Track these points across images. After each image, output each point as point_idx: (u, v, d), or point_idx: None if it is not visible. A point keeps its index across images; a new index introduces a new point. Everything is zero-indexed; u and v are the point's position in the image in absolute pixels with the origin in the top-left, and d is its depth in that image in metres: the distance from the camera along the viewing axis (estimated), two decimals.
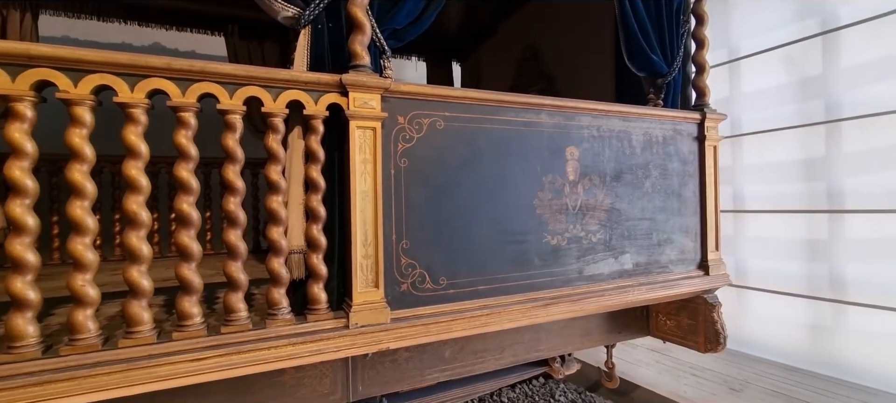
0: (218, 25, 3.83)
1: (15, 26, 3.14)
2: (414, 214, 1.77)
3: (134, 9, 3.60)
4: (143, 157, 1.40)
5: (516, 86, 3.69)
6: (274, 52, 3.91)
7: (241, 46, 3.80)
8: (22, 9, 3.16)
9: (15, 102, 1.27)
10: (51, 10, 3.29)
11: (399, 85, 1.73)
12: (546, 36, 3.48)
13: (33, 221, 1.29)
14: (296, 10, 1.68)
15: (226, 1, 3.69)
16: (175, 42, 4.24)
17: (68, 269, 1.37)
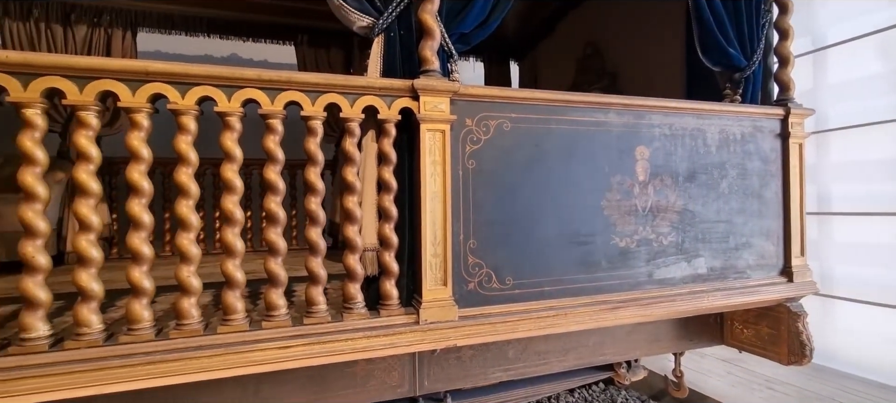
0: (288, 35, 4.07)
1: (118, 43, 3.52)
2: (481, 215, 1.80)
3: (214, 23, 3.91)
4: (237, 160, 1.54)
5: (577, 85, 3.62)
6: (339, 58, 4.10)
7: (309, 54, 4.02)
8: (123, 28, 3.55)
9: (135, 113, 1.43)
10: (147, 27, 3.66)
11: (467, 88, 1.77)
12: (608, 32, 3.39)
13: (148, 218, 1.45)
14: (370, 20, 1.77)
15: (295, 12, 3.93)
16: (250, 52, 4.55)
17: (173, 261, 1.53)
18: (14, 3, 3.28)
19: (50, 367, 1.33)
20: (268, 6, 3.85)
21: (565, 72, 3.83)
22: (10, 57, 1.32)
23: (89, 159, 1.40)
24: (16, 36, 3.30)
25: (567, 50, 3.84)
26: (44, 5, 3.34)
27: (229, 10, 3.80)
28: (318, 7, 3.88)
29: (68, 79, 1.37)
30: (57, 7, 3.37)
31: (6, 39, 3.30)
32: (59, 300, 2.01)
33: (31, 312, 1.36)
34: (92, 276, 1.40)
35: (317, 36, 4.06)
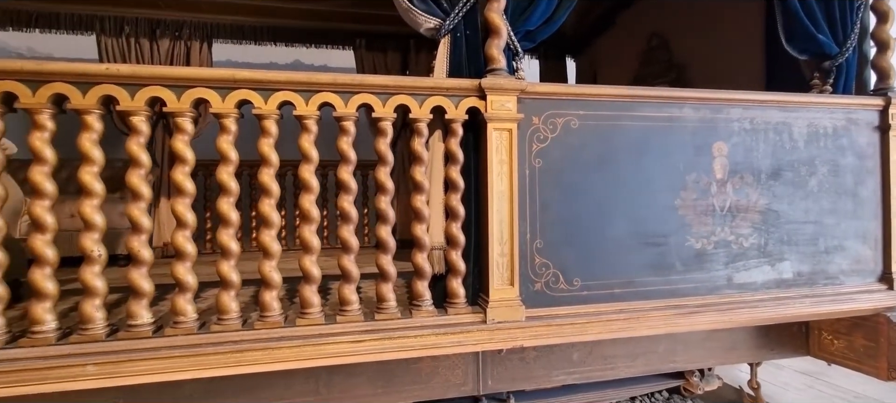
0: (347, 41, 4.21)
1: (196, 54, 3.80)
2: (548, 214, 1.77)
3: (279, 32, 4.12)
4: (313, 161, 1.61)
5: (640, 79, 3.47)
6: (395, 60, 4.19)
7: (367, 57, 4.13)
8: (201, 40, 3.82)
9: (224, 118, 1.54)
10: (221, 38, 3.92)
11: (535, 86, 1.74)
12: (677, 23, 3.22)
13: (236, 216, 1.56)
14: (437, 21, 1.79)
15: (354, 18, 4.05)
16: (311, 58, 4.76)
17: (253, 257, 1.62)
18: (109, 21, 3.63)
19: (153, 352, 1.46)
20: (328, 13, 4.00)
21: (627, 67, 3.68)
22: (121, 69, 1.46)
23: (185, 161, 1.52)
24: (110, 50, 3.65)
25: (629, 43, 3.69)
26: (133, 22, 3.67)
27: (293, 19, 3.99)
28: (375, 12, 4.00)
29: (168, 88, 1.49)
30: (144, 23, 3.69)
31: (102, 53, 3.66)
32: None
33: (136, 301, 1.50)
34: (187, 269, 1.52)
35: (374, 40, 4.17)
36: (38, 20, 3.60)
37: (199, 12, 3.75)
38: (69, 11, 3.60)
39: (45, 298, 1.43)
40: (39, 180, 1.42)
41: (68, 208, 3.03)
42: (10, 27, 3.58)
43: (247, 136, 1.68)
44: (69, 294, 1.83)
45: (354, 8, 3.92)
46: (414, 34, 4.17)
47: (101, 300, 1.48)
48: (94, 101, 1.44)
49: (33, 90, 1.40)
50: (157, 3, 3.60)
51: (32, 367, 1.38)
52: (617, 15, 3.83)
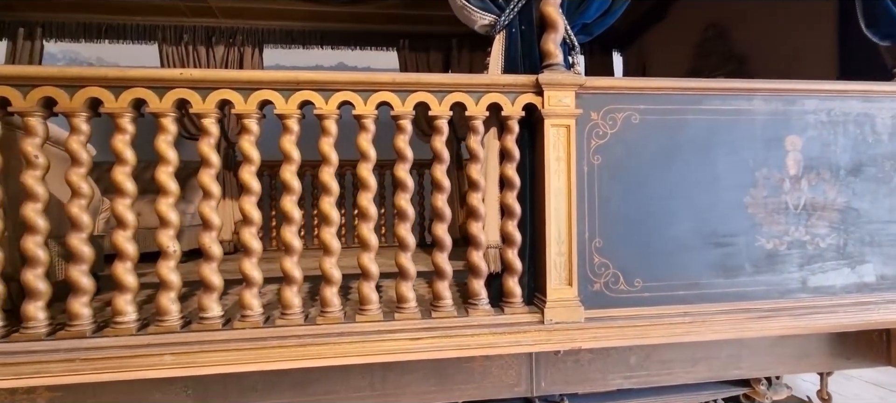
0: (390, 42, 4.26)
1: (248, 59, 3.96)
2: (607, 213, 1.72)
3: (326, 36, 4.23)
4: (371, 160, 1.63)
5: (695, 72, 3.32)
6: (438, 59, 4.21)
7: (410, 58, 4.17)
8: (252, 45, 3.98)
9: (288, 119, 1.59)
10: (271, 43, 4.07)
11: (594, 80, 1.70)
12: (735, 12, 3.05)
13: (298, 214, 1.60)
14: (492, 18, 1.77)
15: (397, 19, 4.10)
16: (354, 60, 4.85)
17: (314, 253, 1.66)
18: (170, 30, 3.84)
19: (223, 344, 1.53)
20: (373, 16, 4.07)
21: (680, 59, 3.53)
22: (194, 74, 1.53)
23: (252, 161, 1.57)
24: (171, 57, 3.86)
25: (681, 35, 3.54)
26: (191, 30, 3.87)
27: (339, 23, 4.08)
28: (418, 12, 4.03)
29: (236, 91, 1.55)
30: (201, 31, 3.88)
31: (163, 60, 3.88)
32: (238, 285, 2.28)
33: (207, 295, 1.57)
34: (254, 265, 1.58)
35: (416, 40, 4.21)
36: (108, 32, 3.86)
37: (251, 19, 3.91)
38: (134, 22, 3.83)
39: (127, 291, 1.52)
40: (121, 180, 1.51)
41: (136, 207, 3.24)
42: (83, 39, 3.85)
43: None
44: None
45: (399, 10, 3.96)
46: (456, 33, 4.22)
47: (176, 293, 1.56)
48: (170, 105, 1.52)
49: (116, 95, 1.49)
50: (213, 13, 3.77)
51: (116, 355, 1.47)
52: (669, 7, 3.68)
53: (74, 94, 1.47)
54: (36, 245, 1.48)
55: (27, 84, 1.45)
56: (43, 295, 1.49)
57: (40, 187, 1.48)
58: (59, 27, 3.77)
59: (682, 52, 3.51)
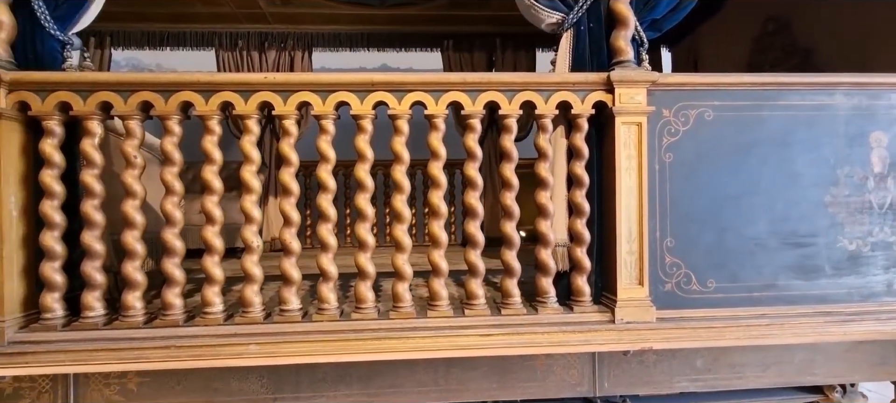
0: (434, 43, 4.30)
1: (298, 62, 4.09)
2: (679, 211, 1.69)
3: (371, 38, 4.31)
4: (442, 158, 1.66)
5: (754, 67, 3.20)
6: (482, 59, 4.22)
7: (454, 58, 4.20)
8: (302, 49, 4.11)
9: (362, 119, 1.64)
10: (320, 47, 4.19)
11: (667, 76, 1.68)
12: (799, 4, 2.93)
13: (371, 211, 1.65)
14: (560, 16, 1.77)
15: (441, 20, 4.13)
16: (397, 61, 4.93)
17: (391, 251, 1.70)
18: (226, 37, 4.01)
19: (303, 336, 1.59)
20: (416, 17, 4.11)
21: (735, 54, 3.41)
22: (277, 78, 1.60)
23: (328, 160, 1.63)
24: (226, 62, 4.03)
25: (737, 29, 3.42)
26: (246, 36, 4.03)
27: (385, 25, 4.15)
28: (461, 13, 4.05)
29: (314, 93, 1.61)
30: (255, 37, 4.04)
31: (220, 65, 4.05)
32: (274, 280, 2.37)
33: (288, 288, 1.64)
34: (330, 260, 1.64)
35: (460, 40, 4.23)
36: (169, 39, 4.06)
37: (302, 24, 4.03)
38: (193, 30, 4.02)
39: (215, 283, 1.61)
40: (210, 178, 1.60)
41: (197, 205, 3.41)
42: (147, 47, 4.07)
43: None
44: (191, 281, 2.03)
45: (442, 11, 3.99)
46: (500, 33, 4.22)
47: (259, 286, 1.64)
48: (254, 108, 1.60)
49: (206, 99, 1.58)
50: (266, 19, 3.91)
51: (207, 344, 1.56)
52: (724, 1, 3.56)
53: (169, 99, 1.57)
54: (134, 239, 1.58)
55: (127, 89, 1.56)
56: (140, 286, 1.60)
57: (138, 185, 1.59)
58: (126, 36, 3.99)
59: (738, 46, 3.39)
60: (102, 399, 1.75)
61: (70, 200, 1.59)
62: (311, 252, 3.46)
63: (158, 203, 1.66)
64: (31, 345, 1.50)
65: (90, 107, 1.54)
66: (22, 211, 1.58)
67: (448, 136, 1.72)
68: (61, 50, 1.64)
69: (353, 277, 1.72)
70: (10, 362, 1.49)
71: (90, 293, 1.57)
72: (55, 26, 1.59)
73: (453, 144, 2.17)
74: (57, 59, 1.63)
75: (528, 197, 1.75)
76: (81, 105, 1.53)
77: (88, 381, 1.73)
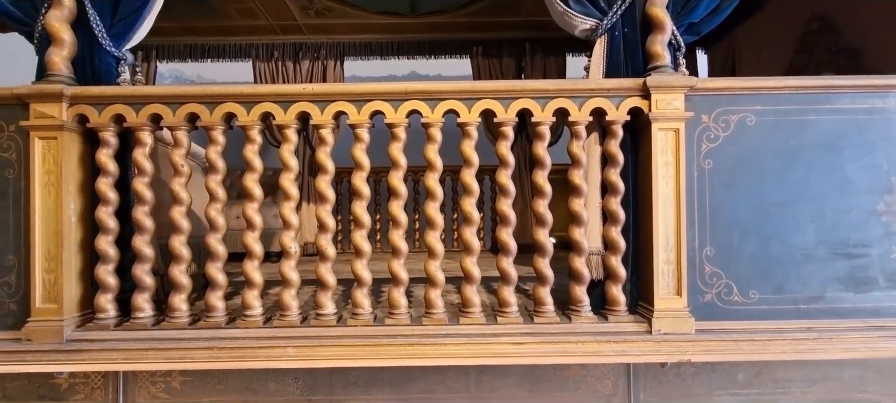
0: (463, 49, 4.34)
1: (331, 71, 4.20)
2: (719, 219, 1.64)
3: (401, 47, 4.38)
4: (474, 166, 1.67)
5: (798, 68, 3.07)
6: (510, 65, 4.23)
7: (483, 64, 4.22)
8: (335, 58, 4.22)
9: (396, 128, 1.67)
10: (351, 56, 4.29)
11: (705, 81, 1.64)
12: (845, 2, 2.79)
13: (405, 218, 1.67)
14: (594, 22, 1.76)
15: (470, 27, 4.16)
16: (426, 68, 4.99)
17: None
18: (263, 48, 4.17)
19: (337, 340, 1.63)
20: (445, 25, 4.16)
21: (776, 55, 3.28)
22: (315, 88, 1.66)
23: (362, 168, 1.67)
24: (263, 73, 4.19)
25: (778, 29, 3.29)
26: (281, 47, 4.17)
27: (415, 33, 4.22)
28: (490, 20, 4.07)
29: (350, 102, 1.66)
30: (290, 48, 4.17)
31: (256, 76, 4.21)
32: (309, 285, 2.43)
33: (324, 293, 1.68)
34: (364, 266, 1.67)
35: (489, 46, 4.25)
36: (209, 51, 4.25)
37: (334, 34, 4.14)
38: (232, 42, 4.20)
39: (254, 286, 1.67)
40: (251, 186, 1.66)
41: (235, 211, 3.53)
42: (189, 59, 4.27)
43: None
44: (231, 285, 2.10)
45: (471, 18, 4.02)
46: (528, 38, 4.20)
47: (296, 290, 1.68)
48: (292, 118, 1.66)
49: (248, 110, 1.65)
50: (301, 30, 4.04)
51: (248, 346, 1.61)
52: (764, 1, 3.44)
53: (214, 110, 1.65)
54: (181, 243, 1.66)
55: (176, 102, 1.65)
56: (185, 289, 1.67)
57: (185, 192, 1.67)
58: (170, 49, 4.21)
59: (780, 47, 3.26)
60: (149, 395, 1.84)
61: (122, 206, 1.69)
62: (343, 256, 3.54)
63: (200, 208, 1.75)
64: (87, 344, 1.59)
65: (142, 118, 1.63)
66: (80, 217, 1.68)
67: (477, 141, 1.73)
68: (116, 65, 1.74)
69: (386, 282, 1.75)
70: (68, 359, 1.58)
71: (140, 295, 1.66)
72: (111, 43, 1.70)
73: (480, 149, 2.18)
74: (112, 73, 1.73)
75: (559, 202, 1.74)
76: (134, 117, 1.63)
77: (137, 379, 1.82)
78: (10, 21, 1.72)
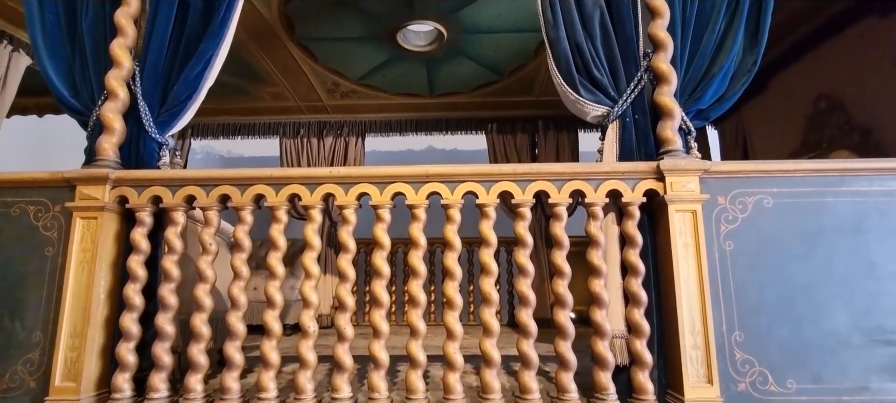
0: (477, 126, 4.52)
1: (352, 148, 4.40)
2: (746, 303, 1.60)
3: (419, 124, 4.60)
4: (493, 246, 1.69)
5: (810, 145, 3.11)
6: (524, 141, 4.37)
7: (498, 140, 4.38)
8: (356, 135, 4.43)
9: (416, 208, 1.72)
10: (372, 133, 4.51)
11: (718, 164, 1.67)
12: (852, 80, 2.88)
13: (424, 298, 1.67)
14: (606, 109, 1.84)
15: (485, 106, 4.37)
16: (442, 143, 5.19)
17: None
18: (290, 126, 4.42)
19: None
20: (462, 104, 4.39)
21: (787, 132, 3.34)
22: (340, 172, 1.74)
23: (383, 247, 1.70)
24: (288, 150, 4.41)
25: (787, 107, 3.38)
26: (307, 125, 4.42)
27: (433, 112, 4.45)
28: (505, 99, 4.28)
29: (373, 184, 1.73)
30: (314, 126, 4.42)
31: (282, 152, 4.43)
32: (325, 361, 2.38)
33: (339, 374, 1.65)
34: (382, 347, 1.65)
35: (504, 123, 4.43)
36: (240, 130, 4.52)
37: (357, 113, 4.39)
38: (262, 121, 4.47)
39: (270, 367, 1.65)
40: (274, 264, 1.70)
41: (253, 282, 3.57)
42: (221, 137, 4.54)
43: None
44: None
45: (487, 98, 4.24)
46: (542, 116, 4.37)
47: (312, 372, 1.66)
48: (318, 199, 1.73)
49: (277, 191, 1.73)
50: (326, 110, 4.30)
51: None
52: (768, 79, 3.56)
53: (245, 192, 1.73)
54: (202, 321, 1.68)
55: (210, 184, 1.74)
56: (202, 368, 1.67)
57: (211, 271, 1.71)
58: (204, 127, 4.49)
59: (790, 123, 3.33)
60: None
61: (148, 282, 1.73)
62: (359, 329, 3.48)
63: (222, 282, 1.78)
64: None
65: (178, 199, 1.72)
66: (108, 293, 1.73)
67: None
68: (158, 149, 1.87)
69: (402, 358, 1.71)
70: None
71: (157, 374, 1.65)
72: (156, 131, 1.84)
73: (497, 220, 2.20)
74: (154, 157, 1.86)
75: (579, 276, 1.73)
76: (170, 198, 1.72)
77: None
78: (69, 112, 1.89)
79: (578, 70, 1.86)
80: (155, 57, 1.87)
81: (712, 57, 1.82)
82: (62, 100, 1.88)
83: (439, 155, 5.30)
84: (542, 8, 1.92)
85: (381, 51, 3.49)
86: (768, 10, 1.84)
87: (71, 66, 1.92)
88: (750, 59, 1.85)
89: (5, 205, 1.77)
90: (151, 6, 1.90)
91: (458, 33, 3.28)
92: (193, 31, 1.89)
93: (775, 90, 3.57)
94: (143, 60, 1.87)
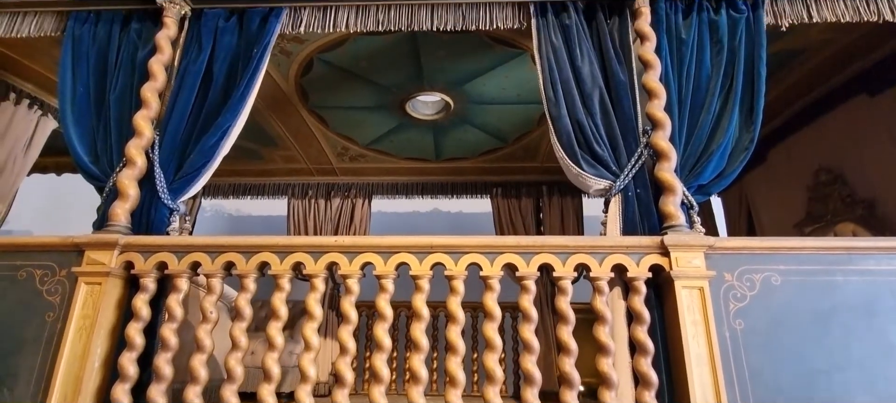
0: (483, 190, 4.58)
1: (358, 210, 4.44)
2: (761, 386, 1.53)
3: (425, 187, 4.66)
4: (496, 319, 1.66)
5: (815, 217, 3.10)
6: (529, 205, 4.39)
7: (502, 204, 4.41)
8: (363, 197, 4.49)
9: (420, 279, 1.71)
10: (378, 195, 4.57)
11: (724, 241, 1.67)
12: (853, 152, 2.91)
13: (425, 373, 1.62)
14: (607, 183, 1.88)
15: (490, 171, 4.46)
16: (447, 206, 5.24)
17: None
18: (298, 187, 4.51)
19: None
20: (467, 168, 4.48)
21: (791, 203, 3.34)
22: (344, 241, 1.76)
23: (385, 318, 1.68)
24: (296, 210, 4.46)
25: (788, 178, 3.40)
26: (315, 186, 4.50)
27: (439, 176, 4.53)
28: (510, 165, 4.37)
29: (377, 254, 1.74)
30: (322, 187, 4.50)
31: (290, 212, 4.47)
32: None
33: None
34: None
35: (508, 188, 4.48)
36: (250, 190, 4.61)
37: (364, 176, 4.48)
38: (271, 182, 4.57)
39: None
40: (273, 335, 1.67)
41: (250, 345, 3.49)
42: (231, 196, 4.63)
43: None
44: None
45: (492, 163, 4.33)
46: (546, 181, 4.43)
47: None
48: (322, 268, 1.73)
49: (281, 259, 1.74)
50: (335, 172, 4.40)
51: None
52: (768, 149, 3.62)
53: (249, 259, 1.74)
54: (195, 395, 1.63)
55: (215, 251, 1.76)
56: None
57: (209, 340, 1.69)
58: (214, 188, 4.59)
59: (793, 194, 3.34)
60: None
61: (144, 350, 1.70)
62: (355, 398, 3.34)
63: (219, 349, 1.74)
64: None
65: (183, 266, 1.73)
66: (103, 362, 1.69)
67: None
68: (169, 215, 1.91)
69: None
70: None
71: None
72: (169, 197, 1.88)
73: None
74: (164, 222, 1.89)
75: (586, 344, 1.68)
76: (176, 264, 1.73)
77: None
78: (88, 177, 1.95)
79: (580, 145, 1.91)
80: (175, 127, 1.95)
81: (710, 135, 1.87)
82: (82, 167, 1.95)
83: (444, 217, 5.33)
84: (544, 86, 2.01)
85: (390, 118, 3.63)
86: (761, 92, 1.91)
87: (94, 134, 2.01)
88: (747, 136, 1.90)
89: (13, 269, 1.78)
90: (176, 81, 2.02)
91: (464, 103, 3.42)
92: (213, 104, 1.99)
93: (776, 160, 3.62)
94: (164, 130, 1.96)
